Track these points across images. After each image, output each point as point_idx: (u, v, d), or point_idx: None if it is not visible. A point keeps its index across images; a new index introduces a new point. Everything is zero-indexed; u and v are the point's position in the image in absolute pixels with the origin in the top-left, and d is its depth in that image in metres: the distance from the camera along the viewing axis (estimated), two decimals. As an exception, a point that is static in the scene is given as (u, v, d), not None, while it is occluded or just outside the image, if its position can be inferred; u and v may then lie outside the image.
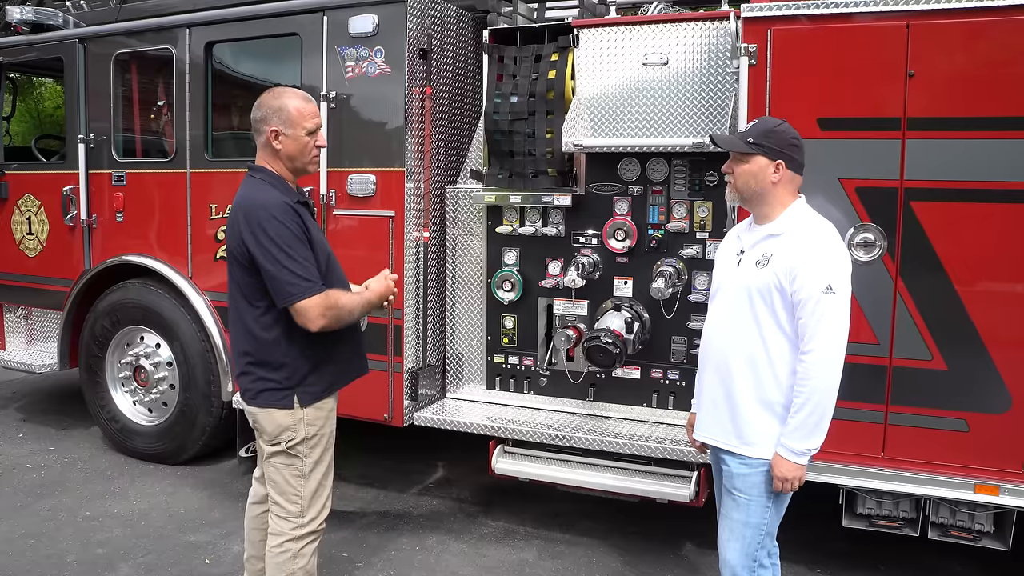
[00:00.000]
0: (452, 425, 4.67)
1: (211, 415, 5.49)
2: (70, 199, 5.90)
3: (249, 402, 3.17)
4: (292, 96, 3.14)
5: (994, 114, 3.49)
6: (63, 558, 4.41)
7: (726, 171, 2.99)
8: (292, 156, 3.12)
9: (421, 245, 4.81)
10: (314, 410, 3.15)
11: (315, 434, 3.16)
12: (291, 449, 3.13)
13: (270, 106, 3.09)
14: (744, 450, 2.92)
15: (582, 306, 4.58)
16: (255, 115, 3.12)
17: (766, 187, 2.89)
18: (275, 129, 3.08)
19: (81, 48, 5.86)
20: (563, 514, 4.98)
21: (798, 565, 4.29)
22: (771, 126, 2.92)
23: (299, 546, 3.18)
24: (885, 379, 3.73)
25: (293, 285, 2.94)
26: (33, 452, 6.02)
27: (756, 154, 2.88)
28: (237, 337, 3.17)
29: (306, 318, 2.97)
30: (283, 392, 3.09)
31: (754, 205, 2.96)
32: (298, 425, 3.11)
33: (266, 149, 3.13)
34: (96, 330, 5.88)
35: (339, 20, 4.75)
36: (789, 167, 2.88)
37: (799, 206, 2.93)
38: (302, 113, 3.11)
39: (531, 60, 4.57)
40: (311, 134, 3.13)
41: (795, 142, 2.91)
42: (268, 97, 3.13)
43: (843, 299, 2.80)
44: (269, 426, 3.12)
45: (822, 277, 2.76)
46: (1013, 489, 3.56)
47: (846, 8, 3.62)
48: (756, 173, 2.89)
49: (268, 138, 3.09)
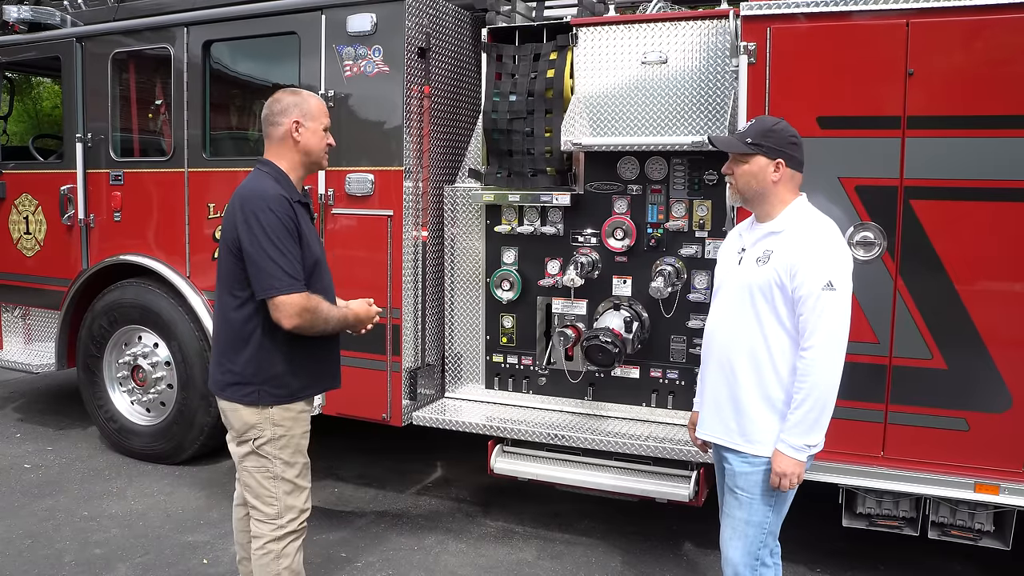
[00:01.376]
0: (451, 425, 4.66)
1: (209, 415, 5.47)
2: (68, 198, 5.89)
3: (218, 393, 3.15)
4: (310, 94, 3.25)
5: (994, 112, 3.48)
6: (60, 558, 4.40)
7: (726, 172, 2.98)
8: (310, 149, 3.15)
9: (419, 244, 4.80)
10: (281, 410, 3.10)
11: (283, 435, 3.11)
12: (259, 449, 3.10)
13: (290, 100, 3.14)
14: (747, 448, 2.92)
15: (581, 305, 4.57)
16: (273, 108, 3.13)
17: (767, 186, 2.88)
18: (297, 120, 3.11)
19: (79, 47, 5.85)
20: (562, 514, 4.97)
21: (798, 564, 4.29)
22: (769, 125, 2.92)
23: (280, 547, 3.15)
24: (885, 378, 3.73)
25: (275, 278, 2.92)
26: (31, 452, 6.01)
27: (755, 154, 2.87)
28: (216, 328, 3.18)
29: (281, 314, 2.94)
30: (249, 387, 3.05)
31: (755, 205, 2.96)
32: (264, 424, 3.08)
33: (283, 142, 3.13)
34: (94, 330, 5.86)
35: (337, 19, 4.74)
36: (789, 165, 2.88)
37: (800, 204, 2.93)
38: (322, 109, 3.20)
39: (530, 59, 4.57)
40: (326, 130, 3.21)
41: (794, 140, 2.91)
42: (285, 93, 3.19)
43: (843, 295, 2.78)
44: (236, 422, 3.11)
45: (822, 273, 2.76)
46: (1013, 488, 3.56)
47: (845, 6, 3.61)
48: (756, 173, 2.88)
49: (289, 129, 3.11)
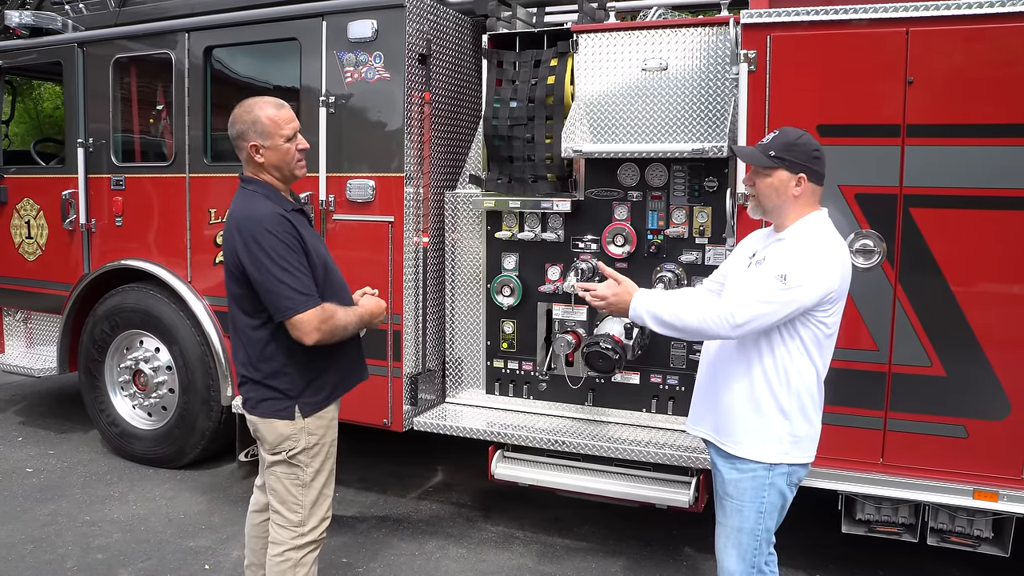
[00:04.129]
0: (451, 430, 4.67)
1: (210, 419, 5.49)
2: (69, 203, 5.90)
3: (250, 411, 3.17)
4: (263, 105, 3.07)
5: (994, 121, 3.49)
6: (63, 563, 4.41)
7: (747, 184, 2.94)
8: (277, 166, 3.10)
9: (420, 250, 4.81)
10: (315, 419, 3.15)
11: (316, 443, 3.16)
12: (292, 459, 3.13)
13: (244, 121, 3.04)
14: (733, 449, 2.91)
15: (581, 311, 4.58)
16: (232, 132, 3.08)
17: (787, 200, 2.83)
18: (254, 144, 3.04)
19: (80, 52, 5.86)
20: (562, 519, 4.98)
21: (797, 571, 4.29)
22: (793, 138, 2.85)
23: (300, 555, 3.18)
24: (884, 385, 3.74)
25: (289, 299, 2.93)
26: (32, 456, 6.02)
27: (778, 168, 2.82)
28: (237, 347, 3.17)
29: (301, 332, 2.96)
30: (284, 403, 3.09)
31: (774, 217, 2.91)
32: (299, 435, 3.11)
33: (250, 163, 3.11)
34: (95, 334, 5.88)
35: (338, 25, 4.75)
36: (811, 180, 2.82)
37: (815, 217, 2.86)
38: (276, 122, 3.05)
39: (530, 65, 4.57)
40: (290, 140, 3.09)
41: (817, 154, 2.84)
42: (240, 112, 3.07)
43: (786, 293, 2.68)
44: (270, 435, 3.13)
45: (783, 266, 2.70)
46: (1012, 495, 3.57)
47: (845, 15, 3.63)
48: (778, 187, 2.82)
49: (249, 153, 3.06)
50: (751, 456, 2.87)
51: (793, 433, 2.86)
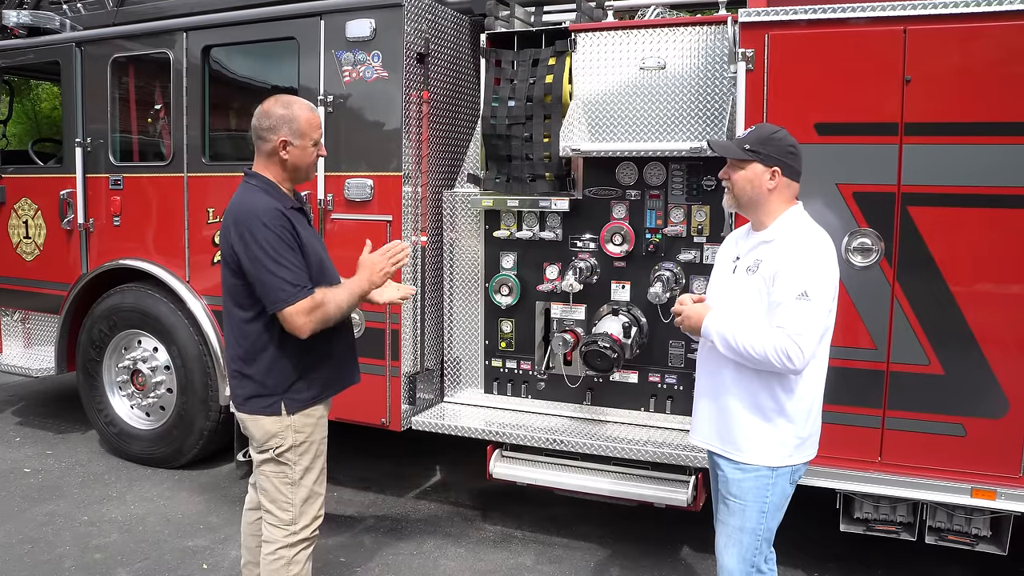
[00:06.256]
0: (450, 429, 4.67)
1: (208, 419, 5.49)
2: (67, 203, 5.90)
3: (238, 407, 3.17)
4: (301, 106, 3.10)
5: (991, 119, 3.49)
6: (61, 563, 4.40)
7: (723, 177, 2.98)
8: (298, 166, 3.12)
9: (418, 249, 4.81)
10: (302, 417, 3.13)
11: (304, 441, 3.15)
12: (279, 456, 3.13)
13: (280, 116, 3.05)
14: (737, 455, 2.91)
15: (579, 310, 4.58)
16: (262, 123, 3.06)
17: (762, 194, 2.87)
18: (285, 139, 3.05)
19: (78, 52, 5.85)
20: (561, 518, 4.98)
21: (796, 569, 4.30)
22: (768, 133, 2.91)
23: (292, 553, 3.17)
24: (882, 384, 3.74)
25: (280, 290, 2.93)
26: (30, 456, 6.01)
27: (752, 161, 2.86)
28: (230, 340, 3.18)
29: (294, 323, 2.96)
30: (270, 399, 3.08)
31: (750, 212, 2.95)
32: (285, 432, 3.10)
33: (271, 157, 3.10)
34: (93, 334, 5.87)
35: (336, 24, 4.74)
36: (785, 174, 2.87)
37: (794, 213, 2.91)
38: (312, 124, 3.10)
39: (528, 64, 4.58)
40: (316, 144, 3.13)
41: (792, 150, 2.89)
42: (275, 106, 3.08)
43: (818, 306, 2.73)
44: (257, 432, 3.13)
45: (798, 282, 2.72)
46: (1010, 493, 3.57)
47: (843, 13, 3.63)
48: (752, 180, 2.87)
49: (276, 147, 3.06)
50: (755, 460, 2.88)
51: (798, 435, 2.87)
